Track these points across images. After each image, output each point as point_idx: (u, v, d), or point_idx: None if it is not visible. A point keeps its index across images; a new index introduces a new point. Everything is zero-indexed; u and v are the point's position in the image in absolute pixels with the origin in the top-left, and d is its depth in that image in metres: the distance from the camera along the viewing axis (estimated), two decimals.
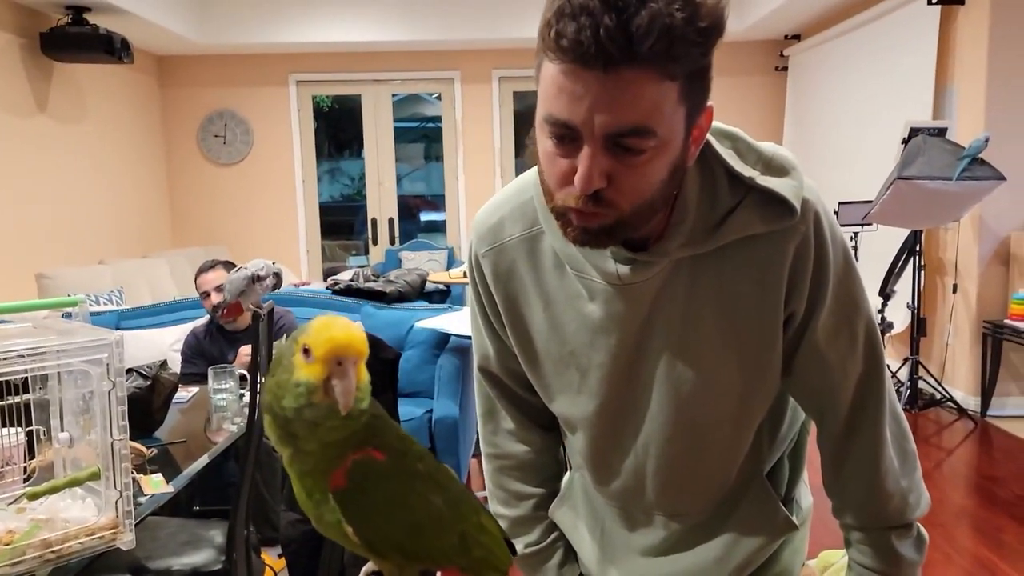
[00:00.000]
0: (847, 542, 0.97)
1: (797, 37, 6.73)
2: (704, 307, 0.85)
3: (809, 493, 1.08)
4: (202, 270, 3.16)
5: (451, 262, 6.88)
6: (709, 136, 0.82)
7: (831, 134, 5.97)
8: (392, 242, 7.40)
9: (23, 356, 1.30)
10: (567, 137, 0.72)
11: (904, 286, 4.40)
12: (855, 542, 0.95)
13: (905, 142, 4.12)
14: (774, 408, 0.95)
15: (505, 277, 0.93)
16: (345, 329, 0.62)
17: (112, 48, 5.07)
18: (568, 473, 1.09)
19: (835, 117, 5.94)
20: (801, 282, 0.84)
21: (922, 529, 0.95)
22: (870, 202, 4.17)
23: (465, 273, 5.10)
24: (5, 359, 1.27)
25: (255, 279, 2.32)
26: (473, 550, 0.72)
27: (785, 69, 6.93)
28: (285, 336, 0.67)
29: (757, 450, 0.96)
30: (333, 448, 0.66)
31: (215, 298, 3.02)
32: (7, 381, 1.39)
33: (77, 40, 5.02)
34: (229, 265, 3.09)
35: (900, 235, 4.41)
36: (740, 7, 6.42)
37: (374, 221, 7.42)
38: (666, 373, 0.89)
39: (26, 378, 1.43)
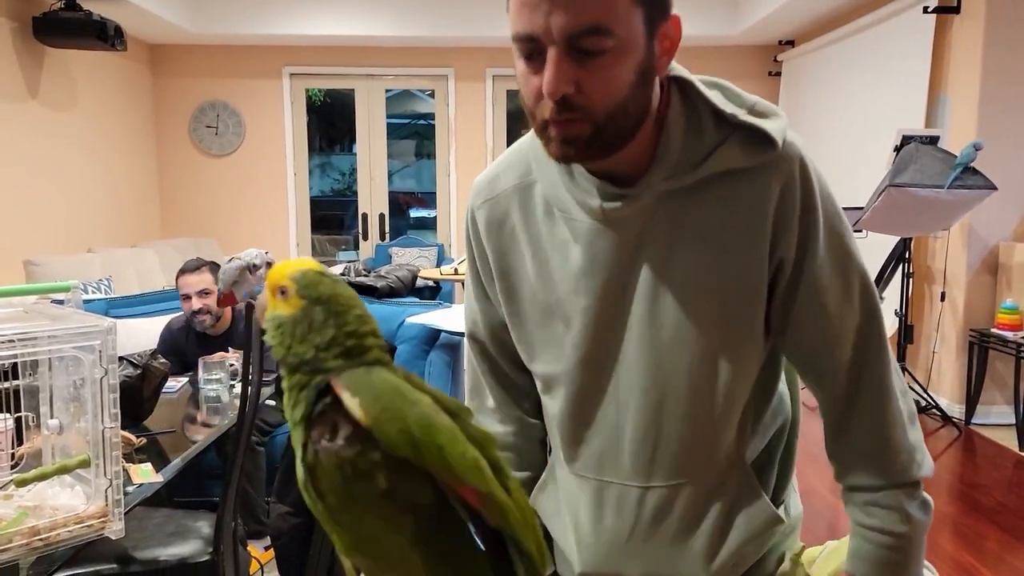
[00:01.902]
0: (853, 507, 0.94)
1: (791, 43, 6.76)
2: (686, 246, 0.86)
3: (799, 502, 1.07)
4: (185, 270, 2.98)
5: (441, 259, 6.87)
6: (696, 81, 0.86)
7: (823, 140, 6.00)
8: (382, 238, 7.38)
9: (13, 341, 1.28)
10: (533, 52, 0.77)
11: (892, 293, 4.43)
12: (863, 504, 0.93)
13: (897, 150, 4.15)
14: (757, 390, 0.94)
15: (497, 228, 0.95)
16: (283, 265, 0.68)
17: (105, 35, 5.02)
18: (550, 457, 1.07)
19: (828, 123, 5.97)
20: (789, 223, 0.85)
21: (926, 494, 0.94)
22: (861, 209, 4.19)
23: (456, 270, 5.10)
24: None
25: (249, 269, 2.30)
26: (493, 483, 0.65)
27: (778, 74, 6.95)
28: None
29: (739, 431, 0.93)
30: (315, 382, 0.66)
31: (196, 303, 2.94)
32: None
33: (70, 25, 4.96)
34: (215, 267, 2.97)
35: (889, 242, 4.44)
36: (734, 12, 6.44)
37: (364, 216, 7.40)
38: (647, 316, 0.88)
39: (16, 364, 1.42)
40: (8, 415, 1.49)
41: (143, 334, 3.17)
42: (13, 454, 1.51)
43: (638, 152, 0.85)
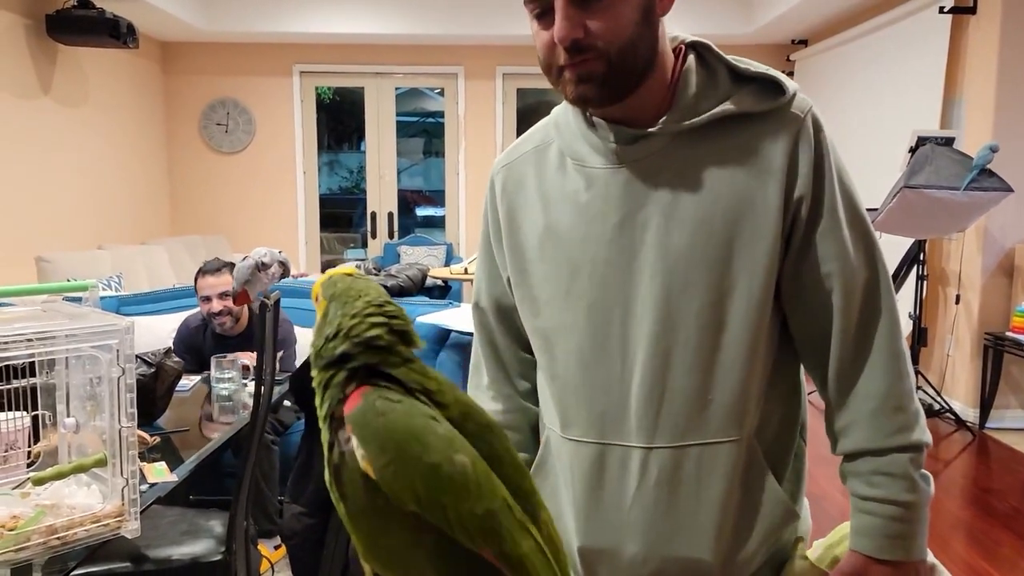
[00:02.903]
0: (856, 480, 0.91)
1: (804, 42, 6.73)
2: (698, 185, 0.88)
3: (809, 517, 1.03)
4: (205, 271, 2.94)
5: (450, 258, 6.86)
6: (712, 45, 0.94)
7: (837, 139, 5.91)
8: (391, 236, 7.38)
9: (31, 340, 1.28)
10: (544, 9, 0.84)
11: (906, 295, 4.40)
12: (868, 473, 0.90)
13: (912, 151, 4.12)
14: (765, 357, 0.92)
15: (512, 189, 1.00)
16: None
17: (118, 32, 5.03)
18: (543, 436, 1.04)
19: (841, 123, 5.94)
20: (804, 167, 0.88)
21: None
22: (875, 210, 4.17)
23: (466, 269, 5.09)
24: (14, 342, 1.25)
25: (260, 267, 2.29)
26: (507, 540, 0.62)
27: (791, 74, 6.92)
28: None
29: (745, 394, 0.90)
30: (335, 382, 0.65)
31: (216, 305, 2.92)
32: (13, 365, 1.37)
33: (83, 23, 4.97)
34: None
35: (903, 244, 4.41)
36: (748, 11, 6.42)
37: (373, 215, 7.39)
38: (657, 260, 0.88)
39: (33, 362, 1.41)
40: (25, 413, 1.49)
41: (153, 332, 3.17)
42: (29, 452, 1.51)
43: (652, 101, 0.90)
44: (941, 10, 4.52)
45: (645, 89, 0.88)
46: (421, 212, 7.78)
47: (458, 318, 3.35)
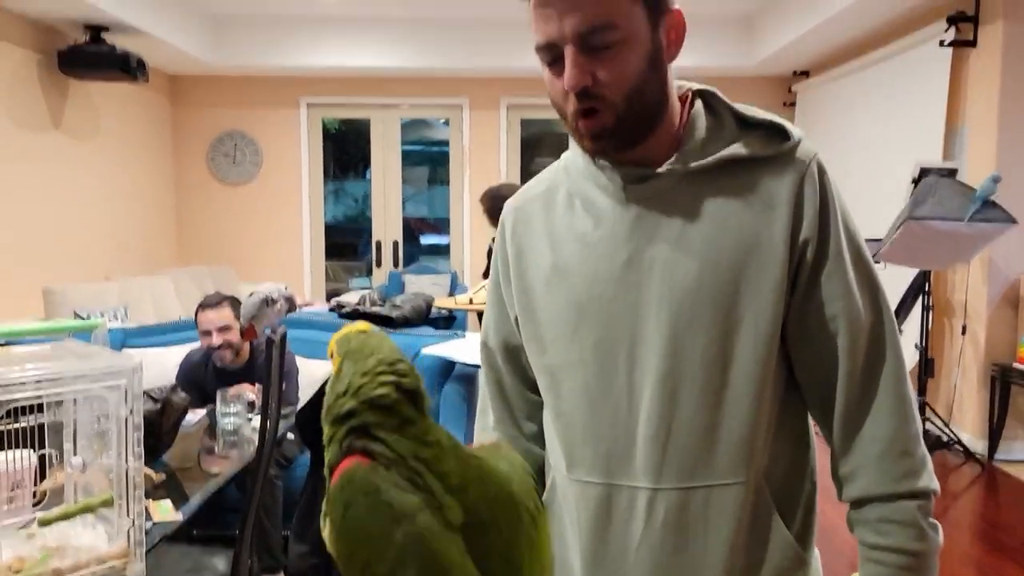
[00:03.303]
0: (864, 528, 0.90)
1: (806, 73, 6.79)
2: (704, 223, 0.90)
3: (820, 567, 1.01)
4: (205, 306, 2.96)
5: (455, 286, 6.88)
6: (718, 92, 0.96)
7: (839, 171, 5.99)
8: (396, 265, 7.40)
9: (40, 382, 1.28)
10: (555, 58, 0.87)
11: (912, 326, 4.39)
12: (876, 521, 0.89)
13: (915, 182, 4.13)
14: (772, 398, 0.92)
15: (522, 230, 1.01)
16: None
17: (128, 67, 5.11)
18: (549, 479, 1.04)
19: (844, 154, 5.97)
20: (809, 209, 0.90)
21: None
22: (879, 240, 4.17)
23: (471, 300, 5.08)
24: (22, 384, 1.26)
25: (268, 302, 2.31)
26: None
27: (793, 104, 6.98)
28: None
29: (752, 435, 0.90)
30: (336, 437, 0.67)
31: (216, 339, 2.93)
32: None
33: (94, 58, 5.06)
34: (235, 302, 2.96)
35: (908, 274, 4.41)
36: (749, 43, 6.49)
37: (378, 244, 7.43)
38: (663, 299, 0.89)
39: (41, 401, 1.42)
40: (32, 451, 1.49)
41: (159, 365, 3.17)
42: (35, 492, 1.51)
43: (661, 145, 0.92)
44: (941, 43, 4.57)
45: (656, 133, 0.91)
46: (426, 240, 7.82)
47: (463, 350, 3.34)
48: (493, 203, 4.22)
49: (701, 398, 0.89)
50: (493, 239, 2.11)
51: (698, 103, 0.95)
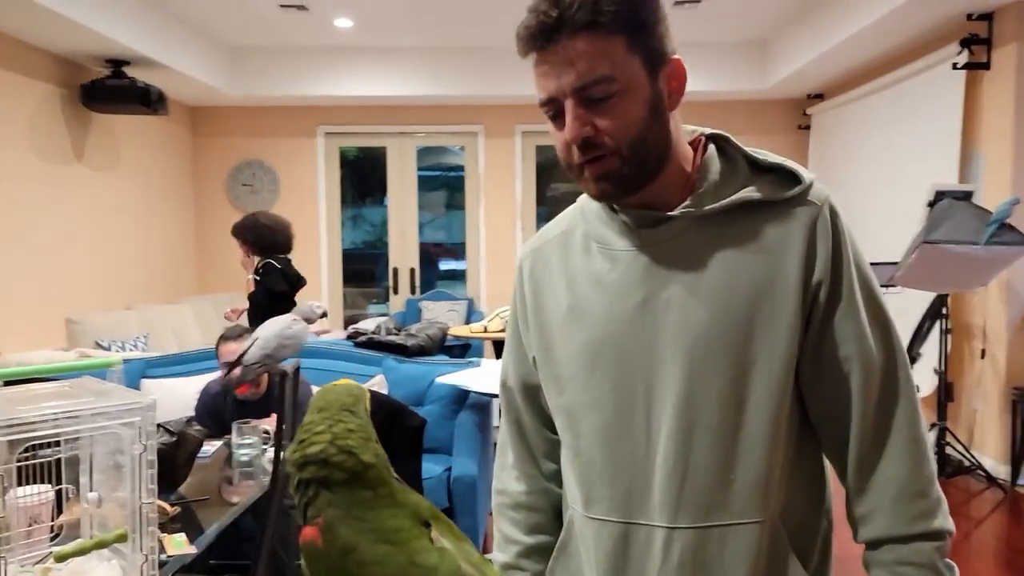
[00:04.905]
0: (880, 569, 0.90)
1: (820, 96, 6.80)
2: (717, 267, 0.91)
3: None
4: (227, 337, 3.00)
5: (471, 313, 6.90)
6: (732, 137, 0.98)
7: (854, 194, 5.98)
8: (413, 292, 7.45)
9: (58, 419, 1.31)
10: (557, 111, 0.90)
11: (930, 349, 4.35)
12: (892, 563, 0.89)
13: (931, 205, 4.11)
14: (787, 438, 0.92)
15: (539, 272, 1.03)
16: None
17: (148, 100, 5.22)
18: (566, 517, 1.05)
19: (858, 177, 5.96)
20: (822, 252, 0.91)
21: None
22: (895, 264, 4.15)
23: (486, 328, 5.09)
24: (41, 422, 1.29)
25: (285, 337, 2.33)
26: None
27: (807, 128, 6.98)
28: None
29: (768, 475, 0.91)
30: (303, 502, 0.73)
31: (238, 371, 2.96)
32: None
33: (116, 92, 5.18)
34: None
35: (925, 298, 4.37)
36: (763, 66, 6.51)
37: (395, 271, 7.48)
38: (678, 340, 0.90)
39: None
40: (49, 486, 1.52)
41: (178, 395, 3.22)
42: (52, 527, 1.53)
43: (673, 188, 0.94)
44: (955, 66, 4.56)
45: (665, 177, 0.92)
46: (444, 265, 7.86)
47: (477, 379, 3.36)
48: (257, 233, 4.02)
49: (716, 438, 0.90)
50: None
51: (711, 147, 0.96)
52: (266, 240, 4.04)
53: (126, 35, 4.88)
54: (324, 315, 2.37)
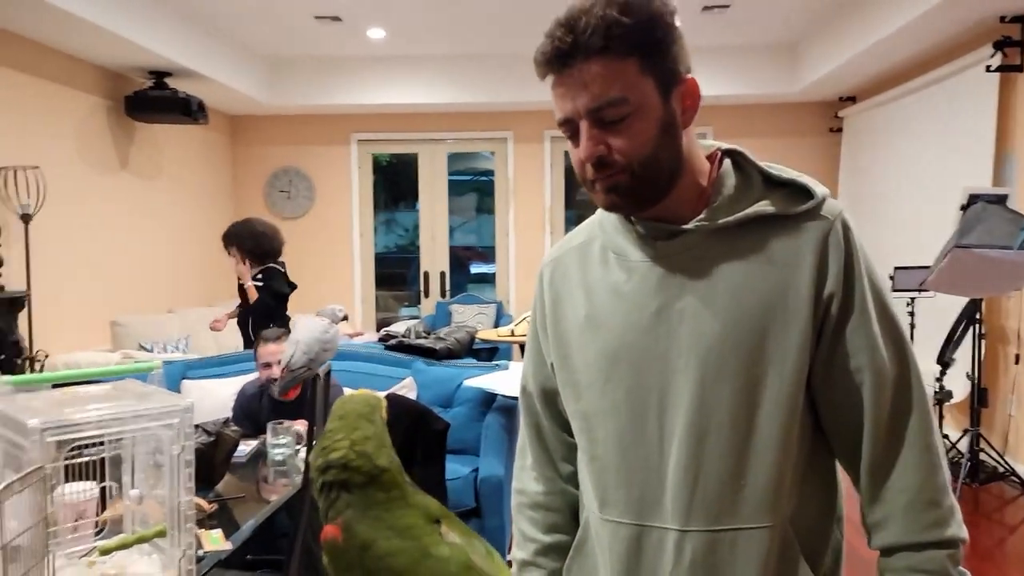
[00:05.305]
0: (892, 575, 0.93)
1: (852, 99, 6.74)
2: (731, 277, 0.93)
3: None
4: (267, 339, 3.11)
5: (500, 316, 6.96)
6: (747, 152, 1.01)
7: (886, 196, 5.92)
8: (443, 295, 7.54)
9: (102, 421, 1.40)
10: (573, 132, 0.93)
11: (964, 355, 4.30)
12: (904, 570, 0.91)
13: (964, 208, 4.07)
14: (799, 444, 0.94)
15: (558, 281, 1.07)
16: None
17: (189, 110, 5.39)
18: (583, 517, 1.08)
19: (891, 180, 5.90)
20: (834, 265, 0.93)
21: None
22: (927, 268, 4.11)
23: (513, 331, 5.15)
24: (87, 424, 1.38)
25: (324, 343, 2.41)
26: None
27: (840, 130, 6.92)
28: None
29: (778, 481, 0.93)
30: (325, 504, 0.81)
31: (276, 371, 3.07)
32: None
33: (158, 103, 5.36)
34: None
35: (959, 302, 4.32)
36: (794, 69, 6.48)
37: (426, 275, 7.59)
38: (692, 349, 0.93)
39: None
40: (94, 483, 1.61)
41: (216, 397, 3.33)
42: (96, 522, 1.63)
43: (687, 202, 0.97)
44: (988, 68, 4.51)
45: (679, 191, 0.95)
46: (475, 268, 7.94)
47: (504, 382, 3.42)
48: (257, 240, 4.01)
49: (728, 445, 0.93)
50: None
51: (727, 162, 0.99)
52: (264, 247, 4.13)
53: (168, 48, 5.05)
54: (345, 318, 2.46)
